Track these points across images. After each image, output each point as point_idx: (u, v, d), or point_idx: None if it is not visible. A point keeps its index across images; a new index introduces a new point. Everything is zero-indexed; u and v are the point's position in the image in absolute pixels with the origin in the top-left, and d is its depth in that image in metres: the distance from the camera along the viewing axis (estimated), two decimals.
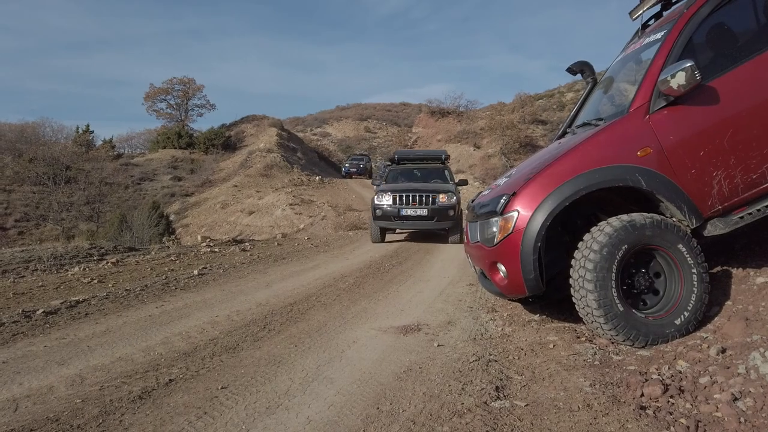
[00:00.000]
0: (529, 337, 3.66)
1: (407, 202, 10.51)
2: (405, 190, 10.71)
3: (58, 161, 30.23)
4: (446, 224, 10.57)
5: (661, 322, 3.23)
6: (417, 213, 10.41)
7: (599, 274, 3.18)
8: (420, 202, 10.47)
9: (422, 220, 10.49)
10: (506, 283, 3.70)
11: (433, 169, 12.69)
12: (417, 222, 10.55)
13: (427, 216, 10.40)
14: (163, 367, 3.19)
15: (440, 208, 10.41)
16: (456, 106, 43.10)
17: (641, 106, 3.43)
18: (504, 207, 3.56)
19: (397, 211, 10.47)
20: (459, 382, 2.86)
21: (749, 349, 2.67)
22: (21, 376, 3.05)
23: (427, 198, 10.46)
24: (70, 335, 3.94)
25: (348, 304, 4.97)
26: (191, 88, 46.40)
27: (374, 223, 10.96)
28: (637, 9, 4.26)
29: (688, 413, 2.35)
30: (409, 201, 10.50)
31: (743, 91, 3.34)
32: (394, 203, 10.51)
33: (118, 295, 5.41)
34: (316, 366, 3.18)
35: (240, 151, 38.84)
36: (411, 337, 3.79)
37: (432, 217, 10.42)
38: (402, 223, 10.66)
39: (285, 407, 2.59)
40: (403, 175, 12.61)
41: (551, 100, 40.86)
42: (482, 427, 2.32)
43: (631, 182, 3.32)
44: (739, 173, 3.31)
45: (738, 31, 3.62)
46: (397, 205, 10.51)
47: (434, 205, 10.45)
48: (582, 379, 2.80)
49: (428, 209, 10.39)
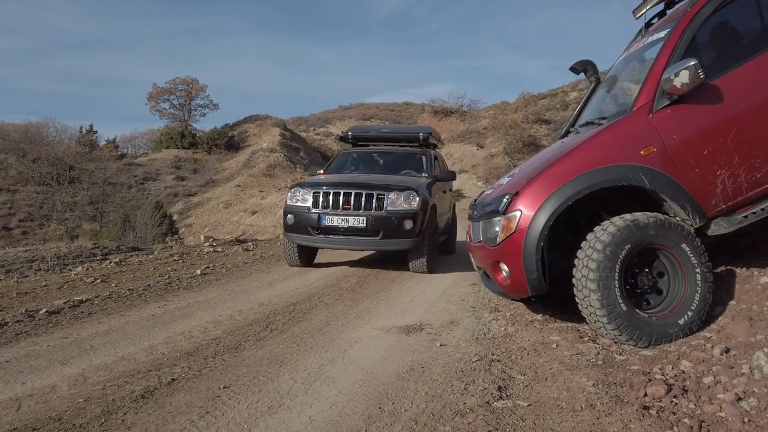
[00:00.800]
0: (532, 337, 3.65)
1: (334, 205, 6.58)
2: (332, 185, 6.75)
3: (62, 161, 30.33)
4: (400, 243, 6.52)
5: (665, 322, 3.22)
6: (349, 223, 6.46)
7: (602, 274, 3.17)
8: (355, 206, 6.52)
9: (358, 236, 6.53)
10: (509, 283, 3.69)
11: (405, 155, 8.56)
12: (350, 239, 6.57)
13: (366, 228, 6.45)
14: (166, 366, 3.19)
15: (388, 216, 6.41)
16: (459, 105, 43.13)
17: (644, 105, 3.41)
18: (507, 206, 3.55)
19: (317, 219, 6.54)
20: (461, 382, 2.86)
21: (753, 349, 2.66)
22: (24, 376, 3.05)
23: (367, 199, 6.52)
24: (72, 335, 3.95)
25: (350, 303, 4.97)
26: (194, 88, 46.53)
27: (286, 238, 7.10)
28: (640, 7, 4.24)
29: (691, 413, 2.34)
30: (338, 203, 6.58)
31: (747, 89, 3.33)
32: (315, 206, 6.65)
33: (121, 295, 5.42)
34: (319, 365, 3.18)
35: (243, 150, 38.91)
36: (413, 337, 3.79)
37: (374, 231, 6.46)
38: (326, 240, 6.62)
39: (287, 407, 2.58)
40: (358, 162, 8.58)
41: (555, 99, 40.80)
42: (484, 426, 2.31)
43: (634, 181, 3.31)
44: (743, 172, 3.29)
45: (742, 29, 3.61)
46: (318, 209, 6.62)
47: (378, 212, 6.48)
48: (585, 379, 2.79)
49: (367, 218, 6.44)
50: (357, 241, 6.61)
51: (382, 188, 6.64)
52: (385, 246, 6.63)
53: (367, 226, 6.46)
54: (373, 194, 6.56)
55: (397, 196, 6.57)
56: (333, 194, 6.65)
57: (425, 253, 6.70)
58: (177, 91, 46.28)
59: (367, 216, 6.47)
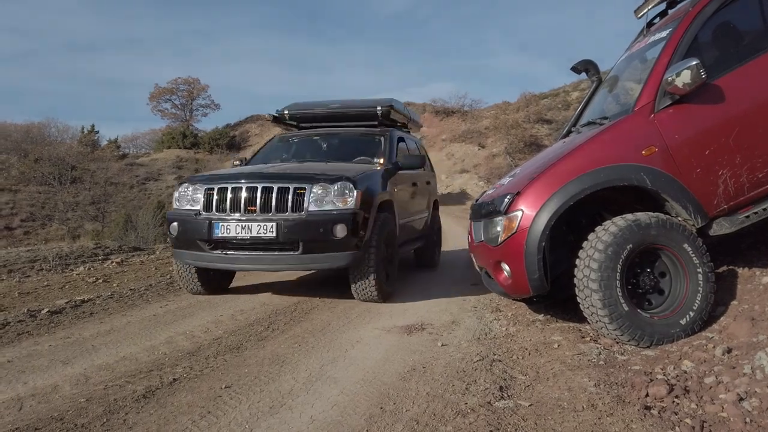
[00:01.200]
0: (534, 337, 3.65)
1: (232, 207, 4.65)
2: (231, 178, 4.83)
3: (64, 161, 30.37)
4: (331, 260, 4.58)
5: (667, 322, 3.21)
6: (252, 232, 4.51)
7: (604, 274, 3.16)
8: (263, 206, 4.57)
9: (267, 250, 4.64)
10: (510, 283, 3.69)
11: (358, 138, 6.45)
12: (256, 255, 4.66)
13: (278, 239, 4.49)
14: (167, 366, 3.20)
15: (310, 220, 4.48)
16: (460, 105, 43.07)
17: (646, 105, 3.41)
18: (508, 206, 3.55)
19: (208, 227, 4.61)
20: (463, 382, 2.86)
21: (755, 349, 2.65)
22: (26, 375, 3.06)
23: (280, 196, 4.58)
24: (74, 334, 3.96)
25: (352, 303, 4.97)
26: (196, 88, 46.62)
27: (174, 256, 5.14)
28: (642, 7, 4.24)
29: (693, 413, 2.33)
30: (237, 204, 4.64)
31: (749, 89, 3.32)
32: (206, 209, 4.74)
33: (123, 295, 5.43)
34: (320, 365, 3.18)
35: (245, 150, 38.94)
36: (415, 337, 3.79)
37: (290, 243, 4.53)
38: (223, 258, 4.69)
39: (288, 407, 2.59)
40: (295, 149, 6.52)
41: (556, 99, 40.75)
42: (486, 427, 2.31)
43: (636, 181, 3.31)
44: (745, 172, 3.29)
45: (744, 29, 3.61)
46: (211, 212, 4.70)
47: (296, 214, 4.52)
48: (586, 379, 2.79)
49: (279, 223, 4.47)
50: (266, 258, 4.60)
51: (302, 179, 4.59)
52: (308, 264, 4.64)
53: (278, 235, 4.39)
54: (289, 188, 4.50)
55: (323, 189, 4.51)
56: (231, 191, 4.59)
57: (372, 271, 4.65)
58: (179, 91, 46.42)
59: (278, 221, 4.40)
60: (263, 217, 4.52)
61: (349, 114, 6.82)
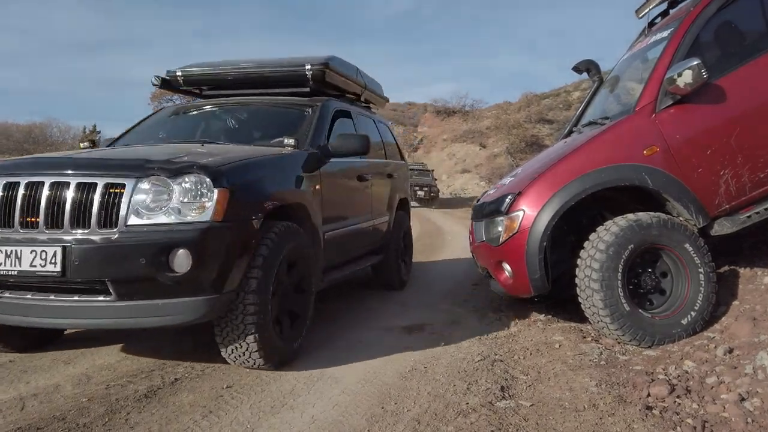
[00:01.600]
0: (535, 337, 3.64)
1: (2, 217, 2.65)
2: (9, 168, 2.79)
3: None
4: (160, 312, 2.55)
5: (668, 322, 3.22)
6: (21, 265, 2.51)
7: (605, 274, 3.16)
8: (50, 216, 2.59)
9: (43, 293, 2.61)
10: (511, 283, 3.69)
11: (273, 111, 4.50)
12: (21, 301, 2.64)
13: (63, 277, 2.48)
14: (169, 366, 3.20)
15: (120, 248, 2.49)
16: (461, 105, 43.08)
17: (648, 105, 3.41)
18: (509, 206, 3.55)
19: None
20: (464, 382, 2.86)
21: (757, 349, 2.65)
22: (28, 375, 3.06)
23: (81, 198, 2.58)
24: (76, 334, 3.96)
25: (353, 303, 4.96)
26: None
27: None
28: (643, 7, 4.24)
29: (694, 413, 2.33)
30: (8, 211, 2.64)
31: (750, 89, 3.32)
32: None
33: None
34: (320, 365, 3.18)
35: None
36: (416, 337, 3.79)
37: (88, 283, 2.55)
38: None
39: (290, 406, 2.59)
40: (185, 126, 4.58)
41: (557, 99, 40.74)
42: (487, 426, 2.31)
43: (637, 181, 3.31)
44: (747, 172, 3.29)
45: (745, 29, 3.60)
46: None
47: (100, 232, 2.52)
48: (588, 379, 2.79)
49: (65, 249, 2.47)
50: (44, 308, 2.65)
51: (122, 169, 2.72)
52: (125, 319, 2.63)
53: (65, 270, 2.51)
54: (96, 185, 2.61)
55: (157, 187, 2.63)
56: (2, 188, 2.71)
57: (252, 327, 2.78)
58: None
59: (68, 245, 2.52)
60: (48, 235, 2.59)
61: (268, 76, 4.57)
